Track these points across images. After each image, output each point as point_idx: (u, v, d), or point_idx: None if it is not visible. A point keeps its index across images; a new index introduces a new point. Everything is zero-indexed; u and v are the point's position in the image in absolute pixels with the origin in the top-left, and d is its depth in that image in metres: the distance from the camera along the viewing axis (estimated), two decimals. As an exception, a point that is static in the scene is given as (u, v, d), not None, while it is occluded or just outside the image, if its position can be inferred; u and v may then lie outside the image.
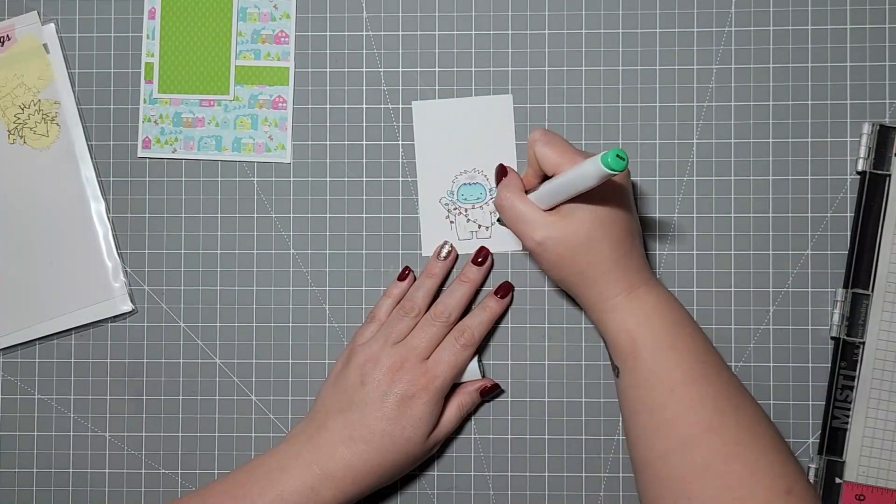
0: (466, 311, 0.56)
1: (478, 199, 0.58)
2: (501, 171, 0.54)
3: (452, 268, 0.58)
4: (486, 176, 0.58)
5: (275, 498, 0.50)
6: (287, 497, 0.50)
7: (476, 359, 0.55)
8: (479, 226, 0.58)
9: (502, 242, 0.58)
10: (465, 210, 0.58)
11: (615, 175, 0.44)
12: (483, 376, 0.56)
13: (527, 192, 0.52)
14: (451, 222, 0.58)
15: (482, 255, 0.56)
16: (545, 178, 0.52)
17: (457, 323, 0.55)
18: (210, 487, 0.51)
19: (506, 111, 0.58)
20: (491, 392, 0.56)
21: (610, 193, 0.50)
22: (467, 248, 0.58)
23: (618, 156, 0.44)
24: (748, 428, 0.48)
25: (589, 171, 0.45)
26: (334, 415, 0.52)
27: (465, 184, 0.58)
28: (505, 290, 0.56)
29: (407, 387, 0.52)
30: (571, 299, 0.57)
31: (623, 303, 0.50)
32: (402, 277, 0.57)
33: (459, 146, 0.58)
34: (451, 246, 0.57)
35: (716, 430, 0.47)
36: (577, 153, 0.50)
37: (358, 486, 0.51)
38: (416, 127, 0.58)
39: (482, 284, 0.57)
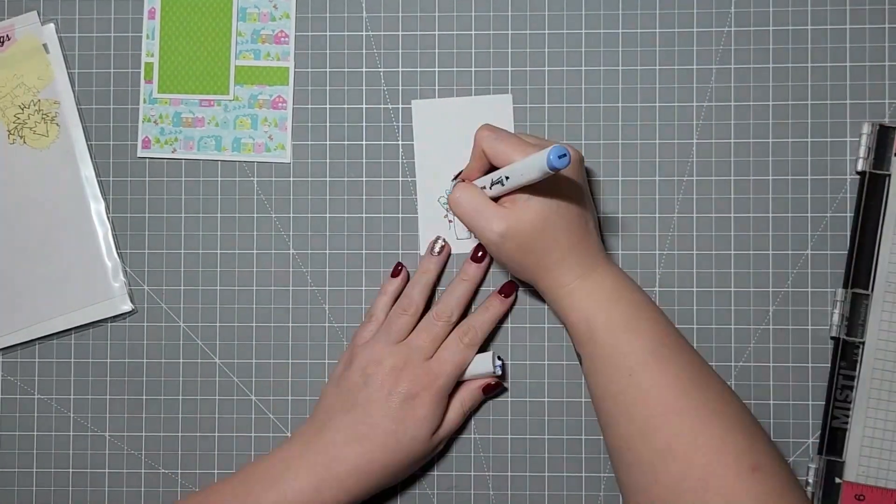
0: (467, 309, 0.56)
1: None
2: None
3: (447, 263, 0.58)
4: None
5: (278, 498, 0.50)
6: (290, 497, 0.50)
7: (492, 354, 0.55)
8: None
9: None
10: None
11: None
12: (497, 373, 0.55)
13: None
14: (450, 221, 0.58)
15: (481, 252, 0.56)
16: (487, 172, 0.52)
17: (458, 321, 0.55)
18: (212, 488, 0.51)
19: (505, 111, 0.58)
20: (495, 389, 0.56)
21: (560, 182, 0.50)
22: (465, 248, 0.58)
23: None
24: (712, 408, 0.47)
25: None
26: (338, 415, 0.52)
27: None
28: (509, 289, 0.56)
29: (410, 386, 0.52)
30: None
31: (578, 287, 0.50)
32: (395, 274, 0.57)
33: (459, 146, 0.58)
34: (445, 241, 0.57)
35: (677, 412, 0.47)
36: (527, 145, 0.50)
37: (361, 486, 0.51)
38: (415, 126, 0.58)
39: (482, 281, 0.57)
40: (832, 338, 0.56)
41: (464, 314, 0.56)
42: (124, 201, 0.59)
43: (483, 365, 0.55)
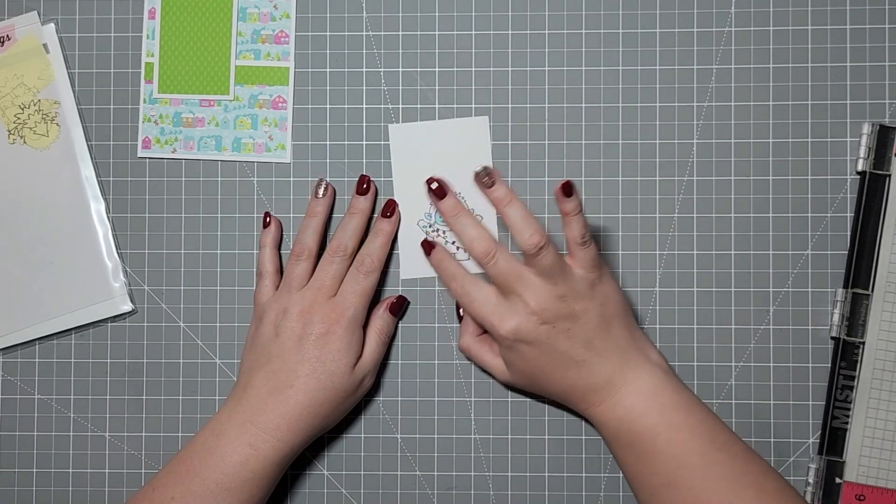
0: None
1: None
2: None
3: (334, 204, 0.58)
4: (463, 198, 0.57)
5: (216, 463, 0.50)
6: (227, 459, 0.50)
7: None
8: (458, 247, 0.58)
9: None
10: (444, 232, 0.58)
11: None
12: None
13: None
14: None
15: (365, 184, 0.56)
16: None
17: (355, 254, 0.55)
18: (157, 475, 0.52)
19: (482, 132, 0.58)
20: (400, 306, 0.57)
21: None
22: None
23: None
24: None
25: None
26: (258, 372, 0.52)
27: None
28: (390, 207, 0.56)
29: (320, 326, 0.52)
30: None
31: (619, 388, 0.51)
32: (266, 224, 0.57)
33: (436, 168, 0.57)
34: (327, 182, 0.57)
35: None
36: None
37: (295, 432, 0.51)
38: (392, 150, 0.58)
39: (372, 213, 0.57)
40: (832, 338, 0.56)
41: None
42: (124, 201, 0.59)
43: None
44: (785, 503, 0.48)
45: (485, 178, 0.52)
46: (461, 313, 0.56)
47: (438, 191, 0.54)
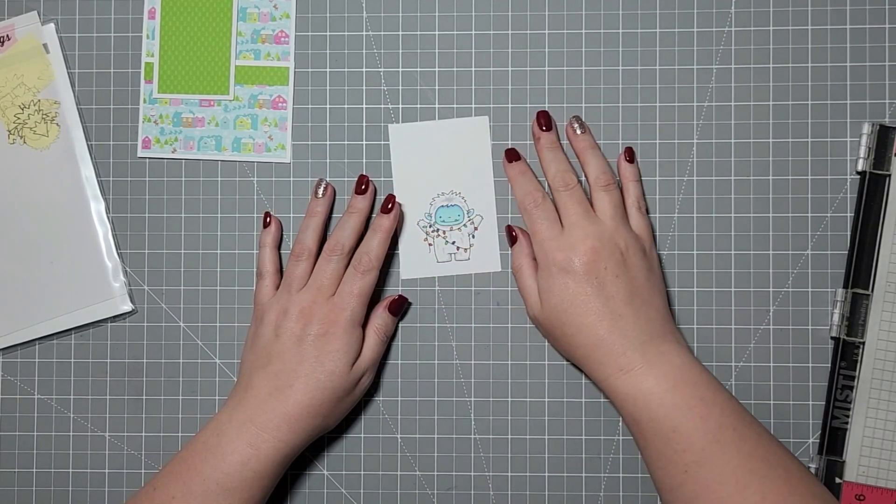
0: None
1: (455, 220, 0.58)
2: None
3: (333, 204, 0.58)
4: (463, 198, 0.58)
5: (217, 462, 0.50)
6: (228, 458, 0.50)
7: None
8: (458, 247, 0.58)
9: (482, 264, 0.58)
10: (444, 232, 0.58)
11: None
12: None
13: None
14: (430, 244, 0.58)
15: (364, 183, 0.56)
16: None
17: (353, 253, 0.55)
18: (158, 474, 0.52)
19: (482, 133, 0.58)
20: (400, 306, 0.57)
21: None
22: (446, 271, 0.58)
23: None
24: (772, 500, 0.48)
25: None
26: (258, 373, 0.53)
27: (442, 206, 0.58)
28: (390, 202, 0.56)
29: (319, 327, 0.53)
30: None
31: (642, 365, 0.51)
32: (266, 224, 0.57)
33: (436, 168, 0.58)
34: (327, 182, 0.57)
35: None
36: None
37: (295, 431, 0.51)
38: (392, 150, 0.58)
39: (371, 212, 0.57)
40: (832, 338, 0.56)
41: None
42: (124, 201, 0.59)
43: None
44: (807, 483, 0.49)
45: (576, 126, 0.56)
46: (514, 233, 0.56)
47: (545, 119, 0.56)
